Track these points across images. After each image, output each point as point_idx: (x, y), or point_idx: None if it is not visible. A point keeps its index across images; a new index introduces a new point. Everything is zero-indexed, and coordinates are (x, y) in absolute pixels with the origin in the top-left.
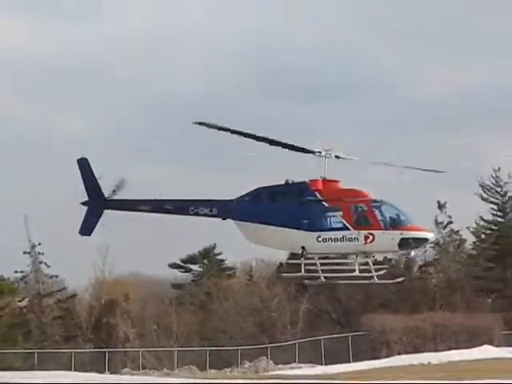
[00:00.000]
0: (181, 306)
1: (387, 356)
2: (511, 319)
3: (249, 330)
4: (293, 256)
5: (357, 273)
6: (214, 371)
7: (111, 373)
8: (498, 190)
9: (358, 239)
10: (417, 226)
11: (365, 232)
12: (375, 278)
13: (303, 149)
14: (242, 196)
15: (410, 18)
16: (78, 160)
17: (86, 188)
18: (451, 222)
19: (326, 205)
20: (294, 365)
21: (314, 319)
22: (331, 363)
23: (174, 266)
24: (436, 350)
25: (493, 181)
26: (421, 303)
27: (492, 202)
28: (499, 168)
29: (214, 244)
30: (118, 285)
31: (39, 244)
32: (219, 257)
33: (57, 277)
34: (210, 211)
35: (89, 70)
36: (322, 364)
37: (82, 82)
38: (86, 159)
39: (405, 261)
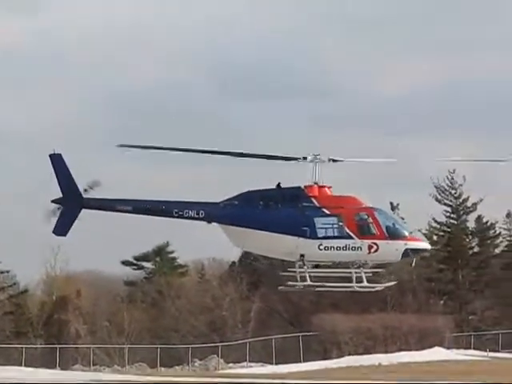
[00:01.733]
0: (133, 304)
1: (338, 357)
2: (462, 321)
3: (200, 329)
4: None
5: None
6: (165, 369)
7: (62, 369)
8: (453, 192)
9: (361, 248)
10: (417, 237)
11: (368, 242)
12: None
13: (284, 157)
14: (229, 199)
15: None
16: (50, 155)
17: (60, 185)
18: None
19: (327, 212)
20: (244, 364)
21: (266, 318)
22: (282, 363)
23: (126, 263)
24: (386, 352)
25: (447, 183)
26: (372, 304)
27: (446, 204)
28: (454, 170)
29: (167, 242)
30: (70, 281)
31: None
32: (172, 255)
33: (8, 272)
34: (197, 214)
35: (46, 62)
36: (272, 363)
37: (40, 73)
38: (59, 155)
39: None
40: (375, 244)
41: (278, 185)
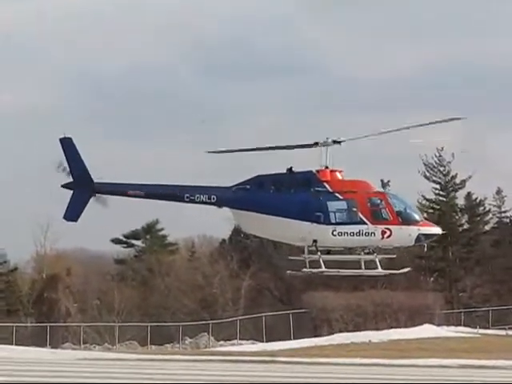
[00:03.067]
0: (123, 282)
1: (328, 334)
2: (452, 298)
3: (190, 306)
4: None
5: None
6: (155, 347)
7: (52, 347)
8: (441, 169)
9: (374, 234)
10: (428, 222)
11: (382, 227)
12: (379, 269)
13: (301, 145)
14: (240, 184)
15: None
16: (60, 139)
17: (70, 170)
18: None
19: (340, 197)
20: (235, 341)
21: (256, 296)
22: (272, 340)
23: (116, 241)
24: (377, 329)
25: (436, 160)
26: (362, 281)
27: (435, 181)
28: (442, 148)
29: (157, 219)
30: (60, 259)
31: None
32: (162, 232)
33: None
34: (209, 199)
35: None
36: (263, 341)
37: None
38: (70, 138)
39: None
40: (388, 229)
41: (290, 169)
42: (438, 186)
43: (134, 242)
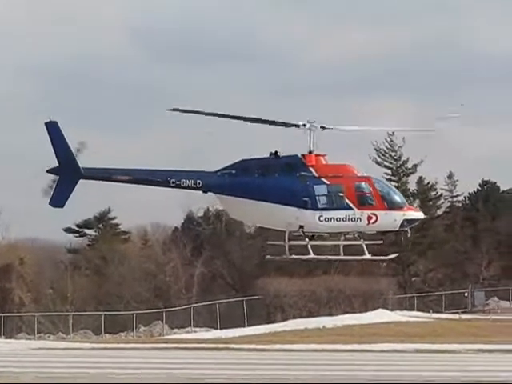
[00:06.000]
0: (76, 271)
1: (282, 320)
2: (405, 283)
3: (144, 295)
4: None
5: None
6: (109, 336)
7: (6, 337)
8: (393, 154)
9: (360, 219)
10: (412, 207)
11: (368, 212)
12: (367, 254)
13: (284, 123)
14: (225, 168)
15: None
16: (46, 123)
17: (56, 154)
18: None
19: (327, 182)
20: (189, 329)
21: (210, 283)
22: (226, 327)
23: (69, 230)
24: (331, 314)
25: (387, 145)
26: (316, 267)
27: (386, 167)
28: (393, 132)
29: (109, 208)
30: (13, 249)
31: None
32: (114, 221)
33: None
34: (194, 184)
35: None
36: (217, 328)
37: None
38: (55, 122)
39: None
40: (374, 215)
41: (275, 153)
42: (389, 171)
43: (86, 231)
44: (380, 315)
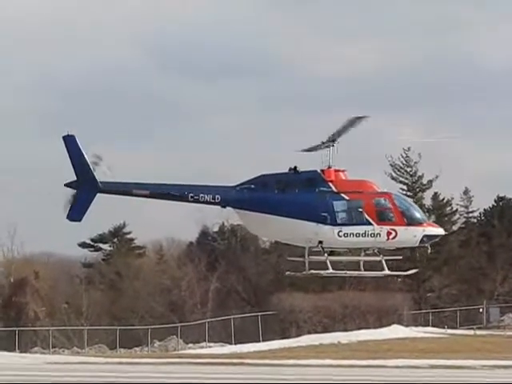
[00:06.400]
0: (91, 285)
1: (297, 335)
2: (420, 299)
3: (159, 310)
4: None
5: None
6: (124, 350)
7: (21, 352)
8: (408, 169)
9: (380, 235)
10: (432, 223)
11: (387, 228)
12: (386, 270)
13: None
14: (244, 183)
15: None
16: (63, 137)
17: (74, 168)
18: None
19: (346, 197)
20: (204, 344)
21: (224, 298)
22: (241, 342)
23: (83, 245)
24: (345, 330)
25: (402, 160)
26: (330, 283)
27: (402, 182)
28: (409, 148)
29: (124, 223)
30: (28, 263)
31: None
32: (129, 236)
33: None
34: (213, 199)
35: None
36: (231, 343)
37: None
38: (72, 136)
39: None
40: (394, 230)
41: (294, 168)
42: (404, 187)
43: (101, 245)
44: (395, 331)
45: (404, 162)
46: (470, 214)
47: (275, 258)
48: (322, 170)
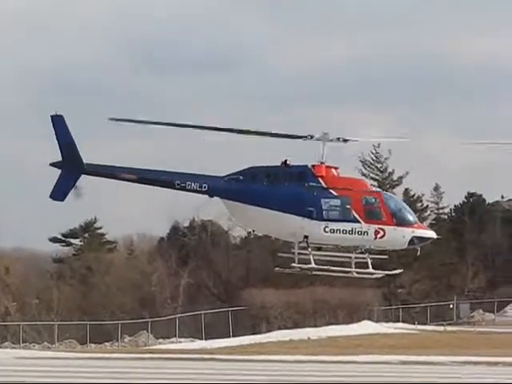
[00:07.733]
0: (62, 280)
1: (267, 331)
2: (390, 294)
3: (129, 305)
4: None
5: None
6: (94, 345)
7: None
8: (378, 165)
9: (367, 233)
10: (423, 225)
11: (375, 226)
12: (371, 269)
13: (290, 135)
14: (233, 174)
15: None
16: (51, 116)
17: (60, 148)
18: None
19: (335, 193)
20: (174, 339)
21: (195, 294)
22: (211, 338)
23: (54, 239)
24: (316, 326)
25: (373, 156)
26: (301, 278)
27: (372, 178)
28: (379, 144)
29: (95, 218)
30: None
31: None
32: (100, 231)
33: None
34: (200, 187)
35: None
36: (202, 339)
37: None
38: (60, 116)
39: None
40: (382, 229)
41: (285, 162)
42: (375, 183)
43: (72, 240)
44: (365, 327)
45: (374, 158)
46: (441, 211)
47: (245, 253)
48: (313, 165)
